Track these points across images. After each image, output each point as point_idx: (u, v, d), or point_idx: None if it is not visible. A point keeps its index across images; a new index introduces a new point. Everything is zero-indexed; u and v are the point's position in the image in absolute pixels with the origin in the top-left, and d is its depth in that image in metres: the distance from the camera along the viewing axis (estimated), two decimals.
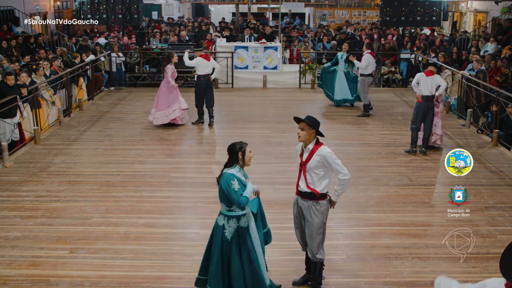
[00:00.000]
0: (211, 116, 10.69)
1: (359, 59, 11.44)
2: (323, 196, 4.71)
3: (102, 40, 16.36)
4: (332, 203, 4.80)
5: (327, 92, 12.35)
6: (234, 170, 4.39)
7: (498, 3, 16.62)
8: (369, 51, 11.33)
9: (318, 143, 4.69)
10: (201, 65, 10.41)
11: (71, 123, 10.89)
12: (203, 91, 10.51)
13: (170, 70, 10.38)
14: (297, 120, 4.70)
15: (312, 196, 4.68)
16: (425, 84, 8.56)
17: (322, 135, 4.74)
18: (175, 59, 10.49)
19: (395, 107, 12.44)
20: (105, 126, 10.72)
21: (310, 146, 4.67)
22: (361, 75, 11.43)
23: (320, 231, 4.74)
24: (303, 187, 4.71)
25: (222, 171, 4.45)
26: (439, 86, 8.66)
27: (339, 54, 12.05)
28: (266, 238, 4.84)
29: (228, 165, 4.44)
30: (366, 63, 11.22)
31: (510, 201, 7.08)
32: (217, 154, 9.27)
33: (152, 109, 10.60)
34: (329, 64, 12.44)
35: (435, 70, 8.79)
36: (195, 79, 10.76)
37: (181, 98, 10.49)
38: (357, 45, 16.31)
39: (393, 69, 15.13)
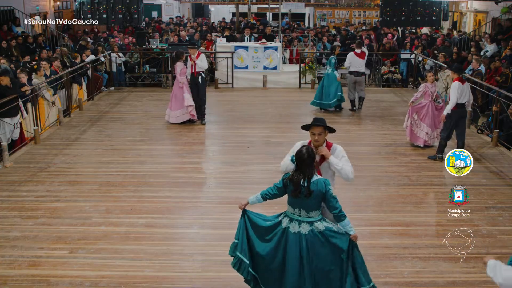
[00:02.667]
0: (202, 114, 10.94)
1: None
2: None
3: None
4: (326, 154, 4.57)
5: (318, 102, 11.77)
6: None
7: (498, 3, 16.62)
8: (353, 50, 11.58)
9: (328, 142, 4.72)
10: (188, 65, 10.71)
11: (71, 123, 10.89)
12: (193, 89, 10.73)
13: (178, 67, 10.57)
14: (307, 127, 4.64)
15: None
16: (462, 92, 8.32)
17: (334, 131, 4.75)
18: (183, 58, 10.68)
19: (395, 107, 12.43)
20: (105, 126, 10.72)
21: (323, 147, 4.68)
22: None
23: None
24: None
25: (304, 183, 4.22)
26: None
27: (333, 57, 11.72)
28: None
29: (309, 174, 4.24)
30: (348, 61, 11.54)
31: (510, 201, 7.08)
32: (217, 154, 9.27)
33: (167, 109, 10.82)
34: (334, 70, 11.81)
35: (462, 75, 8.66)
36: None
37: (186, 94, 10.57)
38: None
39: (393, 69, 15.13)
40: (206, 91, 10.95)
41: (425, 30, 19.16)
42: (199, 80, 10.66)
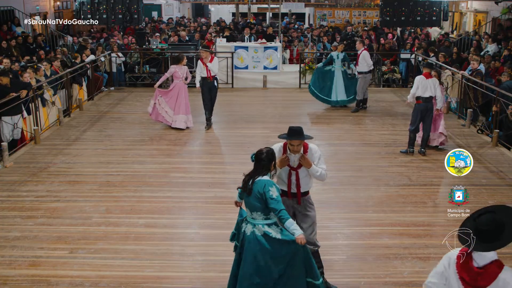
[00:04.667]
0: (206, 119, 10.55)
1: (355, 60, 11.79)
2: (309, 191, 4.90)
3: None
4: (307, 164, 4.64)
5: (321, 96, 12.06)
6: (268, 177, 4.30)
7: (498, 3, 16.63)
8: (364, 47, 11.72)
9: (304, 143, 4.76)
10: (198, 69, 10.25)
11: (71, 123, 10.89)
12: (205, 93, 10.29)
13: (171, 68, 10.28)
14: (288, 137, 4.62)
15: (305, 194, 4.84)
16: (425, 86, 8.56)
17: (311, 138, 4.82)
18: (183, 61, 10.28)
19: (395, 107, 12.44)
20: (105, 126, 10.72)
21: (301, 151, 4.71)
22: (360, 73, 11.67)
23: (316, 221, 4.92)
24: (297, 190, 4.77)
25: (249, 180, 4.28)
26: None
27: (334, 54, 12.01)
28: None
29: (258, 173, 4.29)
30: (370, 59, 11.70)
31: (510, 201, 7.06)
32: (217, 154, 9.27)
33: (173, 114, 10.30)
34: (321, 64, 12.35)
35: (433, 73, 8.81)
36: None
37: (151, 101, 10.38)
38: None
39: (392, 67, 15.12)
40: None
41: (433, 32, 19.11)
42: (215, 84, 10.28)
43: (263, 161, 4.30)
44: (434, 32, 19.40)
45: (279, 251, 4.23)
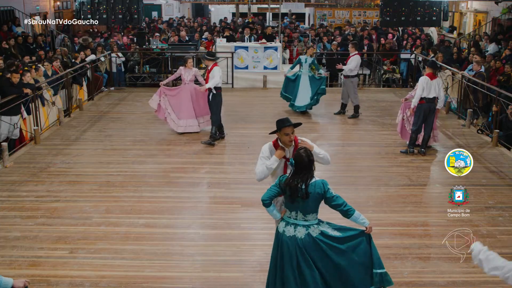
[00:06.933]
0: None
1: (344, 63, 11.40)
2: None
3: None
4: (309, 146, 4.55)
5: (287, 96, 11.74)
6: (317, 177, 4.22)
7: (498, 3, 16.64)
8: (356, 52, 11.24)
9: (295, 137, 4.70)
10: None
11: (71, 123, 10.89)
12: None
13: (178, 71, 9.94)
14: (279, 128, 4.56)
15: None
16: (430, 87, 8.53)
17: (300, 124, 4.77)
18: (189, 64, 9.89)
19: (395, 107, 12.40)
20: (105, 126, 10.72)
21: (293, 143, 4.67)
22: (348, 76, 11.23)
23: None
24: None
25: (301, 185, 4.13)
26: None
27: (303, 57, 11.51)
28: None
29: (308, 176, 4.16)
30: (356, 64, 11.14)
31: (510, 201, 7.07)
32: (217, 154, 9.26)
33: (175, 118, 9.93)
34: (289, 69, 11.88)
35: (436, 72, 8.80)
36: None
37: (155, 96, 9.92)
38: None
39: (392, 67, 15.13)
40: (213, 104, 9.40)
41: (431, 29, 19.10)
42: (209, 97, 9.32)
43: (305, 162, 4.17)
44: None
45: (338, 247, 4.24)
